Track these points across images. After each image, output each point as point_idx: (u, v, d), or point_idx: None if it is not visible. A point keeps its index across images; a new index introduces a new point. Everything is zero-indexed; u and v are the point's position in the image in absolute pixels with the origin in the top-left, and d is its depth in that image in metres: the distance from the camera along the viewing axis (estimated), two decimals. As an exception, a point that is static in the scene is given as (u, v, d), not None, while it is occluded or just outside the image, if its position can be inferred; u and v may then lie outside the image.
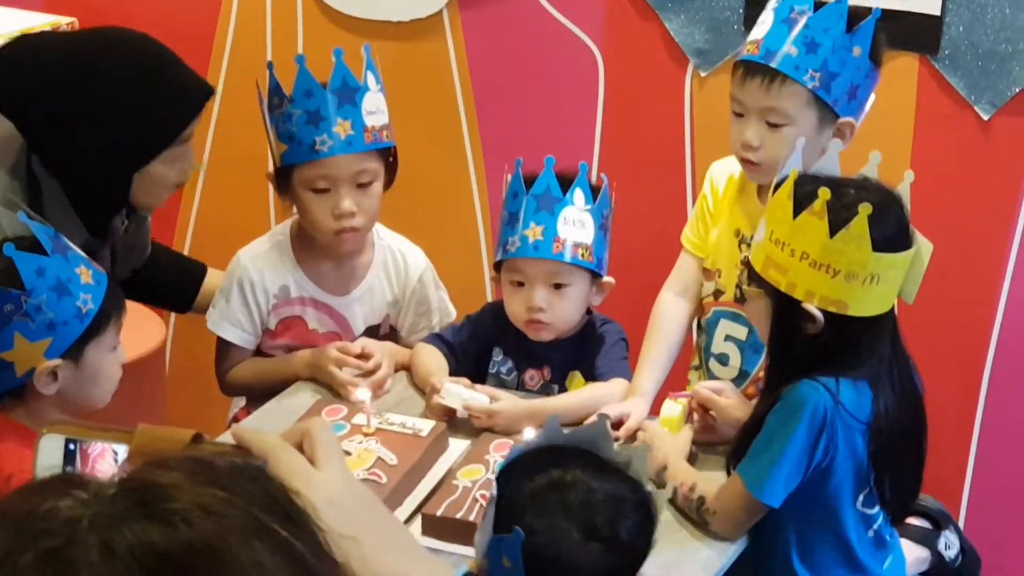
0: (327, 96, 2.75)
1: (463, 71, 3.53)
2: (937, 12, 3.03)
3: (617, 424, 2.58)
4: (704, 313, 2.78)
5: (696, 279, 2.78)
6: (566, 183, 2.67)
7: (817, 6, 2.53)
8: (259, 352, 2.96)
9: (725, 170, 2.76)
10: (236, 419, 2.97)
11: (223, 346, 2.95)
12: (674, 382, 2.72)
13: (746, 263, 2.38)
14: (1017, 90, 3.02)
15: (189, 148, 2.72)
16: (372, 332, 2.96)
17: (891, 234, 2.23)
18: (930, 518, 2.76)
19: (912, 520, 2.75)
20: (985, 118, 3.05)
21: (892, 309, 2.30)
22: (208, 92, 2.72)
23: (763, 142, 2.55)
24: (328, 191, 2.79)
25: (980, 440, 3.24)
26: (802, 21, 2.52)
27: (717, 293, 2.74)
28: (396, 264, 2.97)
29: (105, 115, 2.59)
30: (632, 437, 2.57)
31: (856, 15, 2.53)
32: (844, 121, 2.56)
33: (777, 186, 2.28)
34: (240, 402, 3.06)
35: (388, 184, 2.88)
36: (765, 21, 2.57)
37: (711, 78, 3.28)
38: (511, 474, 1.92)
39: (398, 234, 3.02)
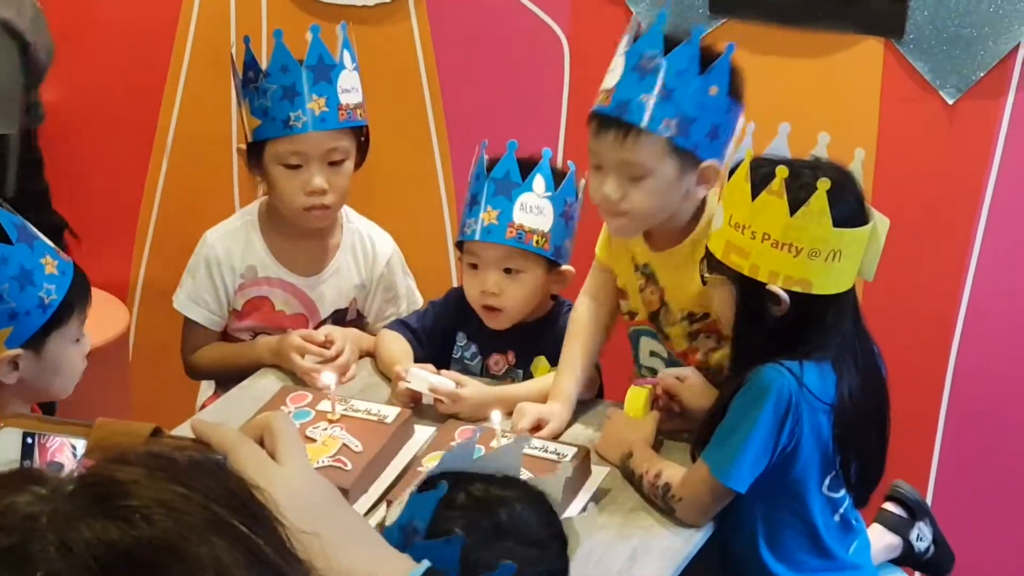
0: (303, 72, 2.74)
1: (428, 56, 3.51)
2: (902, -4, 3.03)
3: (535, 429, 2.52)
4: (627, 328, 2.73)
5: (609, 285, 2.70)
6: (528, 169, 2.66)
7: (668, 45, 2.38)
8: (225, 334, 2.95)
9: None
10: (205, 405, 2.95)
11: (189, 326, 2.95)
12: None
13: (706, 253, 2.35)
14: (982, 74, 3.02)
15: None
16: (339, 317, 2.95)
17: (849, 211, 2.23)
18: (907, 507, 2.76)
19: (889, 506, 2.76)
20: (950, 102, 3.05)
21: (853, 287, 2.30)
22: None
23: (625, 194, 2.44)
24: (300, 167, 2.80)
25: (946, 427, 3.24)
26: (652, 66, 2.37)
27: (631, 314, 2.68)
28: (364, 248, 2.97)
29: None
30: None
31: (709, 54, 2.39)
32: (707, 165, 2.43)
33: (732, 171, 2.27)
34: (210, 388, 3.05)
35: (359, 164, 2.88)
36: (615, 69, 2.43)
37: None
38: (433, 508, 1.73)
39: (367, 219, 3.01)
